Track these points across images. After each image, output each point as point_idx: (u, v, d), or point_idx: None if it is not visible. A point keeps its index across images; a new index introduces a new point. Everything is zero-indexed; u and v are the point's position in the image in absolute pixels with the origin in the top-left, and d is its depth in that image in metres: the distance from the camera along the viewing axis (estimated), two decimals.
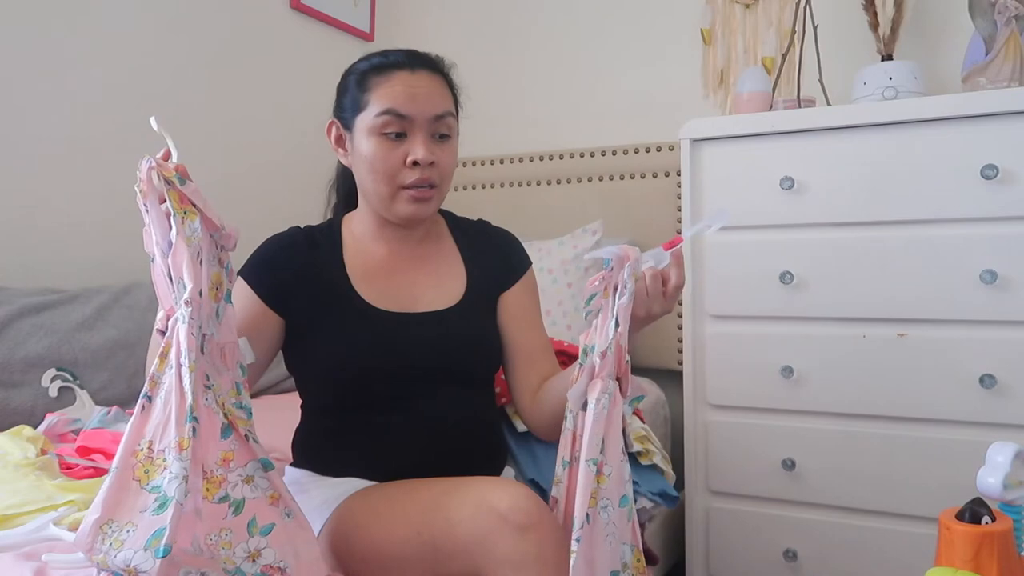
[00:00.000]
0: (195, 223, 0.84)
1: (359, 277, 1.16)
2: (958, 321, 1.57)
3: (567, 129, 2.44)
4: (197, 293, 0.81)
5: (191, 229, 0.83)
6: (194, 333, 0.80)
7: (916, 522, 1.60)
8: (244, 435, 0.83)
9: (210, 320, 0.84)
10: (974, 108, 1.54)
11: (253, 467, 0.83)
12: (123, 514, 0.77)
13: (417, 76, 1.12)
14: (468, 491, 0.93)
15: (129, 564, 0.74)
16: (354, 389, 1.11)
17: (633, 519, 0.97)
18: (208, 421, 0.81)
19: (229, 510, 0.80)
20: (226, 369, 0.86)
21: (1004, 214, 1.52)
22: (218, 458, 0.81)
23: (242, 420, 0.84)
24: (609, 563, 0.92)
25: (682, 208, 1.82)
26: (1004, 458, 0.94)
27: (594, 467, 0.91)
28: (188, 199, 0.85)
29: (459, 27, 2.62)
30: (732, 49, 2.21)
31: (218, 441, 0.81)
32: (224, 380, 0.85)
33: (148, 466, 0.78)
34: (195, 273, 0.82)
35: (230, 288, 0.89)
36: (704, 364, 1.81)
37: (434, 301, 1.17)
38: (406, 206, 1.12)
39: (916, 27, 1.97)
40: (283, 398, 1.80)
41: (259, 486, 0.83)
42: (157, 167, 0.83)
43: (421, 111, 1.10)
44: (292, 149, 2.31)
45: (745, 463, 1.77)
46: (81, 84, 1.79)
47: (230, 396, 0.85)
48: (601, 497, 0.92)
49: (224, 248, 0.88)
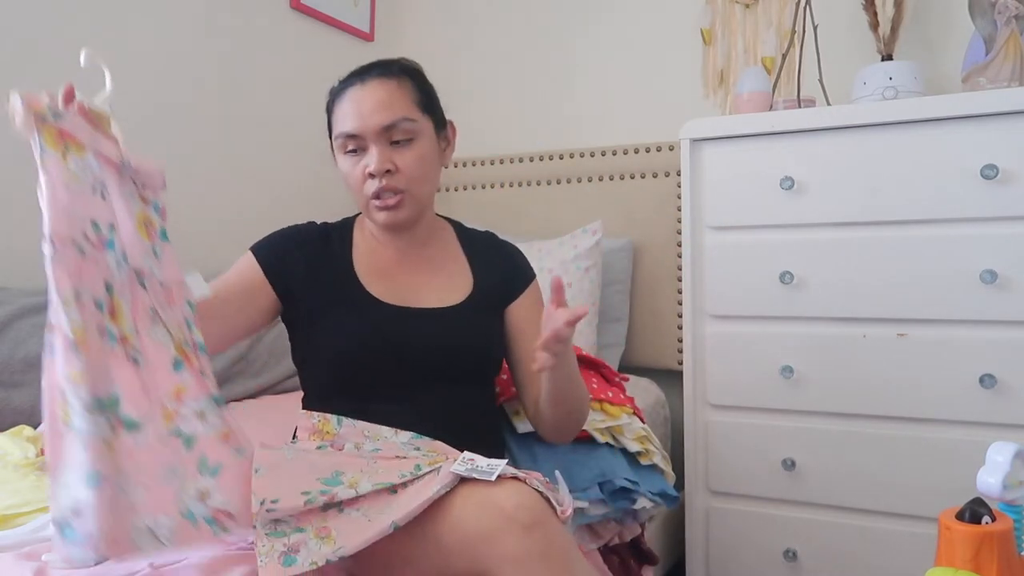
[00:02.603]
0: (85, 158, 0.81)
1: (365, 273, 1.20)
2: (958, 321, 1.57)
3: (567, 129, 2.43)
4: (91, 228, 0.78)
5: (76, 165, 0.80)
6: (69, 270, 0.76)
7: (916, 522, 1.59)
8: (199, 371, 0.82)
9: (145, 258, 0.83)
10: (974, 108, 1.54)
11: (206, 402, 0.81)
12: (60, 461, 0.76)
13: (366, 88, 1.15)
14: (473, 489, 0.94)
15: (74, 506, 0.73)
16: (354, 377, 1.14)
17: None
18: (156, 354, 0.79)
19: (181, 444, 0.79)
20: (172, 307, 0.85)
21: (1004, 214, 1.52)
22: (170, 390, 0.79)
23: (195, 356, 0.83)
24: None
25: (682, 208, 1.82)
26: (1004, 458, 0.94)
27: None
28: (70, 134, 0.81)
29: (459, 27, 2.61)
30: (732, 49, 2.21)
31: (169, 373, 0.80)
32: (172, 317, 0.84)
33: (64, 407, 0.77)
34: (90, 206, 0.79)
35: (164, 227, 0.87)
36: (704, 364, 1.81)
37: (438, 299, 1.21)
38: (377, 215, 1.18)
39: (916, 27, 1.97)
40: (283, 398, 1.80)
41: (211, 423, 0.81)
42: (26, 103, 0.78)
43: (367, 126, 1.13)
44: (292, 149, 2.31)
45: (745, 463, 1.77)
46: (80, 83, 1.79)
47: (180, 332, 0.83)
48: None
49: (146, 186, 0.86)
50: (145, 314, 0.80)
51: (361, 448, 1.08)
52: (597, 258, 2.10)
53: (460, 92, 2.52)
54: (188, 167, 2.01)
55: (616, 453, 1.36)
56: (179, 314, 0.85)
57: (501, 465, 0.95)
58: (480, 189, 2.48)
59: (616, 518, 1.35)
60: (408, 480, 0.96)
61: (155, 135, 1.93)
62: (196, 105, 2.07)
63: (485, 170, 2.48)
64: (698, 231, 1.80)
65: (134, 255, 0.82)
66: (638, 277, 2.23)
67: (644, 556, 1.49)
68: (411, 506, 0.90)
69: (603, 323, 2.14)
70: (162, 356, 0.80)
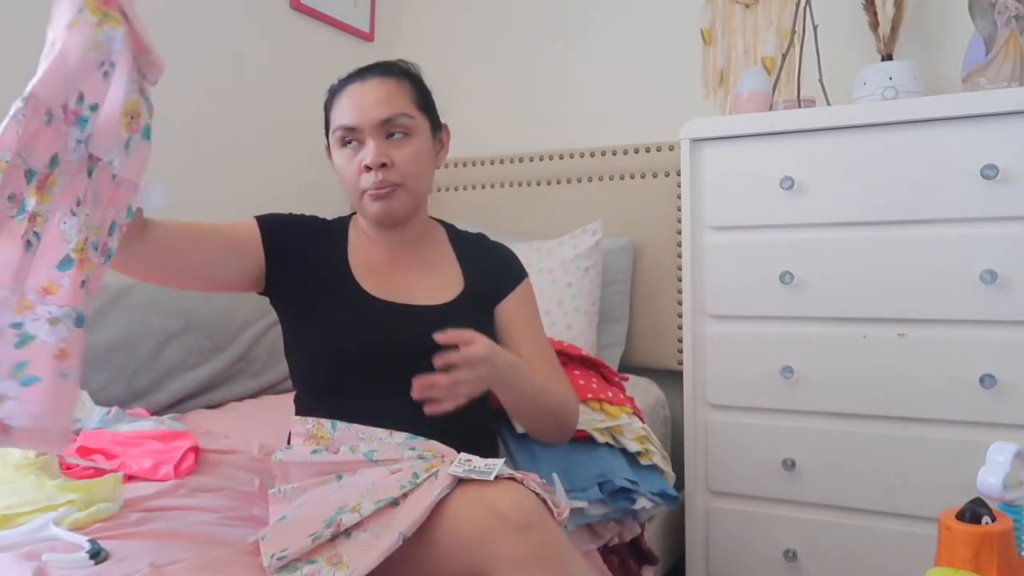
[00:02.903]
0: (116, 31, 0.76)
1: (358, 268, 1.21)
2: (958, 321, 1.57)
3: (567, 129, 2.43)
4: (75, 100, 0.74)
5: (106, 35, 0.76)
6: (21, 134, 0.72)
7: (916, 522, 1.59)
8: (80, 280, 0.76)
9: (115, 147, 0.78)
10: (974, 108, 1.54)
11: (67, 312, 0.75)
12: None
13: (367, 85, 1.18)
14: (469, 489, 0.94)
15: None
16: (348, 373, 1.15)
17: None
18: (52, 245, 0.74)
19: (13, 339, 0.72)
20: (109, 205, 0.80)
21: (1004, 214, 1.52)
22: (41, 284, 0.74)
23: (89, 263, 0.77)
24: None
25: (682, 208, 1.82)
26: (1004, 458, 0.94)
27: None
28: (117, 3, 0.77)
29: (459, 27, 2.62)
30: (732, 49, 2.21)
31: (50, 268, 0.75)
32: (99, 215, 0.79)
33: None
34: (87, 79, 0.75)
35: (149, 124, 0.83)
36: (704, 364, 1.81)
37: (429, 296, 1.22)
38: (370, 206, 1.18)
39: (916, 27, 1.97)
40: (283, 398, 1.80)
41: (58, 333, 0.74)
42: None
43: (367, 118, 1.15)
44: (291, 148, 2.31)
45: (745, 463, 1.77)
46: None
47: (94, 233, 0.78)
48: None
49: (146, 77, 0.83)
50: (71, 201, 0.75)
51: (356, 451, 1.09)
52: (597, 258, 2.10)
53: (461, 92, 2.53)
54: (187, 166, 2.01)
55: (616, 453, 1.36)
56: (109, 214, 0.80)
57: (499, 465, 0.95)
58: (480, 189, 2.48)
59: (616, 518, 1.35)
60: (409, 490, 0.97)
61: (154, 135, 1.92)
62: (196, 105, 2.06)
63: (485, 170, 2.47)
64: (698, 231, 1.80)
65: (100, 141, 0.77)
66: (638, 277, 2.23)
67: (644, 556, 1.49)
68: (415, 515, 0.91)
69: (603, 323, 2.14)
70: (57, 249, 0.74)
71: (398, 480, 0.99)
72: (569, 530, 1.24)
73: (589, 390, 1.40)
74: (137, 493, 1.12)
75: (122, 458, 1.24)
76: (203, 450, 1.33)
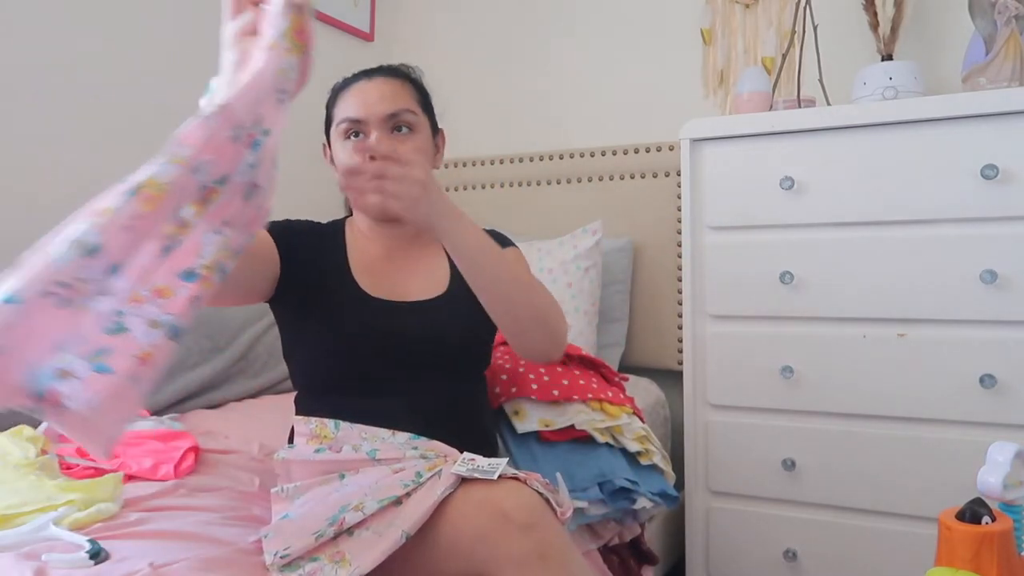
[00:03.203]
0: (294, 61, 0.76)
1: (357, 269, 1.21)
2: (958, 321, 1.57)
3: (567, 129, 2.43)
4: (255, 125, 0.73)
5: (290, 64, 0.76)
6: (209, 142, 0.71)
7: (916, 522, 1.59)
8: (195, 295, 0.74)
9: (268, 176, 0.78)
10: (974, 108, 1.54)
11: (169, 320, 0.73)
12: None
13: (373, 82, 1.20)
14: (472, 489, 0.94)
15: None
16: (348, 372, 1.15)
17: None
18: (185, 256, 0.72)
19: (108, 328, 0.70)
20: (245, 230, 0.79)
21: (1004, 214, 1.52)
22: (158, 286, 0.72)
23: (209, 283, 0.75)
24: None
25: (682, 208, 1.82)
26: (1004, 458, 0.94)
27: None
28: (307, 33, 0.76)
29: (459, 27, 2.61)
30: (732, 49, 2.21)
31: (174, 275, 0.73)
32: (237, 240, 0.77)
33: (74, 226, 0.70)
34: (269, 105, 0.74)
35: (277, 157, 0.82)
36: (704, 364, 1.81)
37: (422, 291, 1.22)
38: (372, 197, 1.14)
39: (916, 27, 1.97)
40: (284, 398, 1.80)
41: (151, 337, 0.72)
42: None
43: (373, 112, 1.17)
44: (291, 148, 2.30)
45: (745, 463, 1.77)
46: (84, 83, 1.79)
47: (226, 256, 0.76)
48: None
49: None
50: (220, 220, 0.74)
51: (359, 450, 1.09)
52: (597, 258, 2.10)
53: (461, 92, 2.53)
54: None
55: (616, 453, 1.36)
56: (241, 239, 0.78)
57: (502, 464, 0.95)
58: (480, 189, 2.48)
59: (616, 518, 1.35)
60: (412, 489, 0.97)
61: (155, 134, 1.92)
62: (196, 104, 2.06)
63: (485, 170, 2.47)
64: (698, 231, 1.80)
65: (264, 168, 0.77)
66: (638, 277, 2.23)
67: (644, 556, 1.49)
68: (418, 514, 0.91)
69: (603, 323, 2.14)
70: (187, 259, 0.73)
71: (401, 479, 0.99)
72: (570, 530, 1.24)
73: (589, 390, 1.40)
74: (137, 493, 1.13)
75: (122, 458, 1.24)
76: (203, 450, 1.33)
